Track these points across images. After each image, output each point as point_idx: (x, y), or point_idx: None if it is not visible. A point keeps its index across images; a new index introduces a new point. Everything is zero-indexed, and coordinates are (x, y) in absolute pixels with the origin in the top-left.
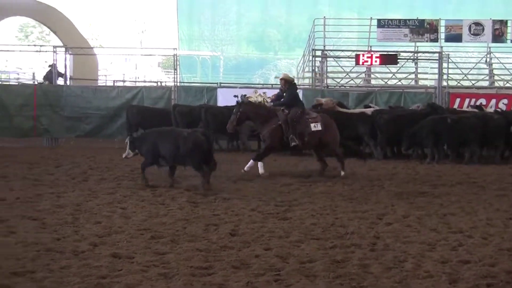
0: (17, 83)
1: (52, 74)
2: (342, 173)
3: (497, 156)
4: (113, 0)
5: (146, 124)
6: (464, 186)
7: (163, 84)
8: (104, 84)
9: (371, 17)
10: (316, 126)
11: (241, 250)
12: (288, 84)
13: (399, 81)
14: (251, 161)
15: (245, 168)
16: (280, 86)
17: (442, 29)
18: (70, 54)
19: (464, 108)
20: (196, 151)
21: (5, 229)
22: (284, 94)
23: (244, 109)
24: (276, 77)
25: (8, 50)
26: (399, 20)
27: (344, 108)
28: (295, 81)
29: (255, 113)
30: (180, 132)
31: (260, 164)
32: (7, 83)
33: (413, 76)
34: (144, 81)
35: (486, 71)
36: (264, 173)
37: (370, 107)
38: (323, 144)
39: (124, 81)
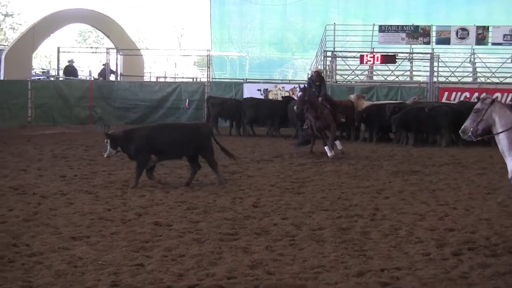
0: (76, 79)
1: (105, 71)
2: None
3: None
4: (157, 9)
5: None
6: (450, 166)
7: (198, 80)
8: (148, 80)
9: (373, 23)
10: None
11: (262, 220)
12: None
13: (397, 77)
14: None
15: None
16: (312, 78)
17: (433, 34)
18: (120, 54)
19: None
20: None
21: (65, 201)
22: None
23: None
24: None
25: (69, 52)
26: (397, 26)
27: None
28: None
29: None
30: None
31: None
32: (68, 79)
33: (408, 73)
34: (182, 78)
35: (470, 69)
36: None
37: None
38: None
39: (165, 77)
